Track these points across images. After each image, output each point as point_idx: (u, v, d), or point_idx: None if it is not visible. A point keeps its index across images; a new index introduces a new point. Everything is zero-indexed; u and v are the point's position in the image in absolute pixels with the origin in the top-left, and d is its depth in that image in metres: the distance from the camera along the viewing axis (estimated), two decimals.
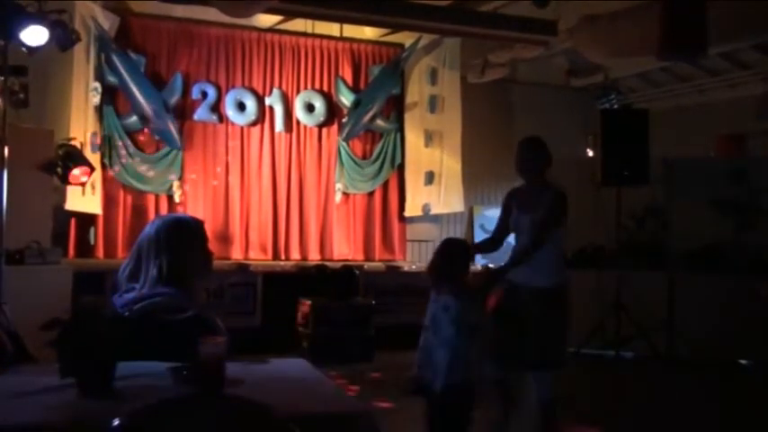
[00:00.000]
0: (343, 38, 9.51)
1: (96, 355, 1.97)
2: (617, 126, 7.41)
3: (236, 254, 8.86)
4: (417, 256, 9.67)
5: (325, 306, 6.97)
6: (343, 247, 9.44)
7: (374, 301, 7.21)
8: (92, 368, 1.97)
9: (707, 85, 9.61)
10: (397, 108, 9.79)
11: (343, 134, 9.37)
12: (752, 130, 8.49)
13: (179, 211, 8.38)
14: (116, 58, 8.23)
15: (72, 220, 8.06)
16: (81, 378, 1.97)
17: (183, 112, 8.82)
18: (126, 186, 8.51)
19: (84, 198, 7.79)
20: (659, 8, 6.38)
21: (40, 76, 6.67)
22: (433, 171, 9.64)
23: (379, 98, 9.47)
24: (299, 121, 9.33)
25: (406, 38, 9.53)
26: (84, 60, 7.96)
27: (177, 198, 8.70)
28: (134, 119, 8.46)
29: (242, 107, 9.02)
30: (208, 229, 2.68)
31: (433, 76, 9.68)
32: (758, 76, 8.95)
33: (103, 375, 1.97)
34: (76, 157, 6.67)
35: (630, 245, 7.45)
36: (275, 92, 9.19)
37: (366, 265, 8.58)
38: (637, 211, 7.59)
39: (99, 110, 8.28)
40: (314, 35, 9.40)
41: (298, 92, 9.34)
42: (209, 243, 2.63)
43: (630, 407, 5.58)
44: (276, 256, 9.10)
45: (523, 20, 8.06)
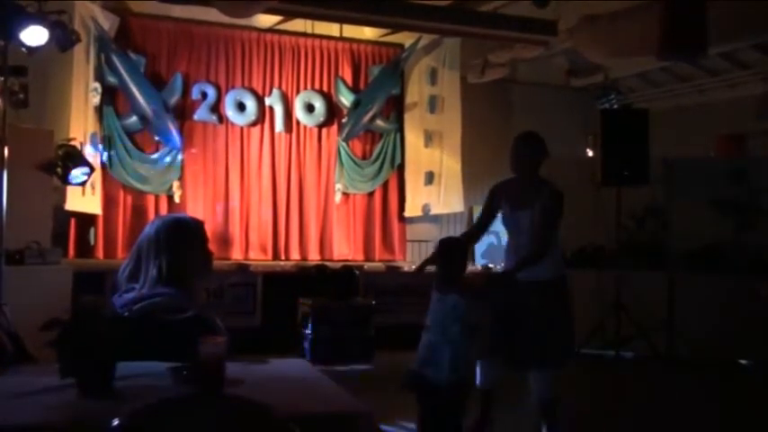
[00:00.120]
0: (342, 38, 9.51)
1: (96, 355, 1.97)
2: (617, 126, 7.41)
3: (235, 254, 8.86)
4: (417, 257, 9.65)
5: (325, 306, 6.96)
6: (343, 248, 9.44)
7: (374, 302, 7.21)
8: (92, 368, 1.96)
9: (707, 85, 9.61)
10: (396, 108, 9.79)
11: (343, 134, 9.37)
12: (752, 130, 8.49)
13: (178, 211, 8.38)
14: (116, 59, 8.24)
15: (72, 221, 8.06)
16: (81, 378, 1.97)
17: (183, 113, 8.82)
18: (126, 186, 8.51)
19: (84, 198, 7.79)
20: (659, 8, 6.37)
21: (39, 76, 6.66)
22: (433, 171, 9.64)
23: (378, 98, 9.47)
24: (298, 122, 9.33)
25: (406, 38, 9.53)
26: (84, 61, 7.96)
27: (177, 198, 8.70)
28: (134, 119, 8.46)
29: (242, 107, 9.02)
30: (207, 229, 2.68)
31: (433, 77, 9.68)
32: (758, 75, 8.95)
33: (103, 375, 1.97)
34: (76, 158, 6.67)
35: (630, 245, 7.44)
36: (275, 92, 9.19)
37: (366, 265, 8.57)
38: (637, 211, 7.59)
39: (99, 110, 8.29)
40: (314, 35, 9.41)
41: (297, 92, 9.34)
42: (208, 243, 2.63)
43: (630, 407, 5.57)
44: (276, 256, 9.10)
45: (523, 20, 8.06)
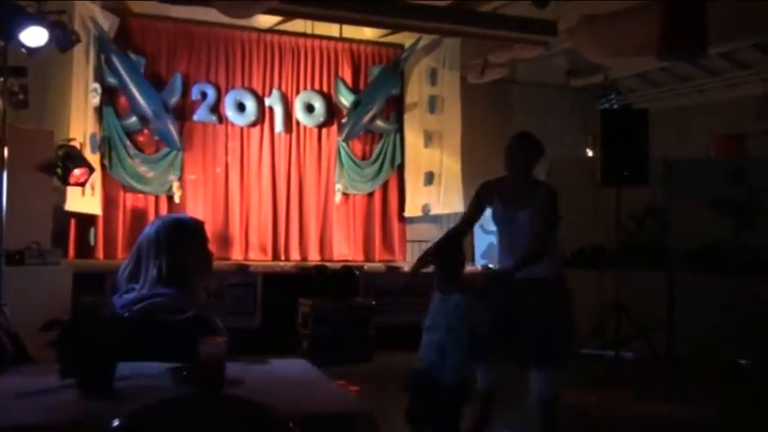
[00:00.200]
0: (342, 38, 9.51)
1: (96, 355, 1.97)
2: (617, 126, 7.40)
3: (235, 254, 8.86)
4: (417, 257, 9.64)
5: (325, 306, 6.96)
6: (343, 248, 9.44)
7: (374, 302, 7.21)
8: (92, 369, 1.96)
9: (707, 85, 9.61)
10: (396, 108, 9.80)
11: (343, 135, 9.37)
12: (752, 129, 8.49)
13: (178, 211, 8.38)
14: (116, 59, 8.24)
15: (72, 221, 8.06)
16: (81, 378, 1.97)
17: (183, 113, 8.82)
18: (126, 187, 8.51)
19: (84, 199, 7.79)
20: (659, 8, 6.38)
21: (39, 76, 6.67)
22: (433, 171, 9.64)
23: (378, 99, 9.47)
24: (298, 122, 9.33)
25: (406, 38, 9.53)
26: (84, 61, 7.96)
27: (177, 199, 8.70)
28: (134, 119, 8.47)
29: (242, 108, 9.02)
30: (207, 229, 2.68)
31: (433, 77, 9.68)
32: (758, 75, 8.96)
33: (103, 376, 1.97)
34: (76, 158, 6.67)
35: (630, 245, 7.43)
36: (275, 92, 9.19)
37: (366, 265, 8.57)
38: (637, 211, 7.58)
39: (99, 110, 8.29)
40: (313, 36, 9.41)
41: (297, 92, 9.34)
42: (208, 244, 2.63)
43: (630, 407, 5.57)
44: (276, 256, 9.10)
45: (523, 20, 8.06)
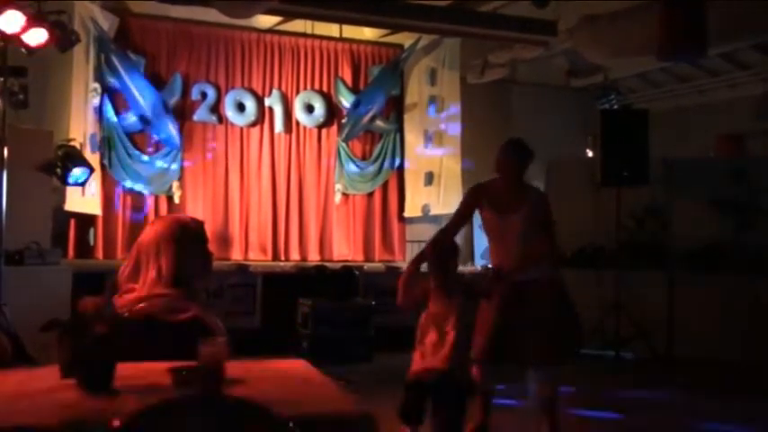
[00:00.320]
0: (342, 38, 9.51)
1: (96, 355, 1.97)
2: (617, 126, 7.41)
3: (235, 254, 8.86)
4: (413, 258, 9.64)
5: (324, 307, 6.96)
6: (343, 248, 9.44)
7: (374, 302, 7.21)
8: (92, 369, 1.96)
9: (707, 86, 9.61)
10: (396, 108, 9.80)
11: (343, 135, 9.37)
12: (751, 130, 8.49)
13: (178, 211, 8.38)
14: (115, 59, 8.24)
15: (71, 221, 8.06)
16: (81, 379, 1.96)
17: (183, 113, 8.82)
18: (125, 187, 8.51)
19: (84, 199, 7.79)
20: (659, 8, 6.37)
21: (39, 76, 6.67)
22: (433, 172, 9.63)
23: (378, 99, 9.47)
24: (298, 122, 9.33)
25: (406, 38, 9.53)
26: (84, 61, 7.96)
27: (176, 199, 8.70)
28: (133, 120, 8.46)
29: (241, 108, 9.02)
30: (207, 229, 2.68)
31: (433, 77, 9.68)
32: (758, 76, 8.96)
33: (104, 376, 1.97)
34: (76, 158, 6.67)
35: (630, 245, 7.43)
36: (275, 92, 9.19)
37: (366, 265, 8.58)
38: (637, 211, 7.58)
39: (98, 110, 8.28)
40: (313, 36, 9.41)
41: (297, 92, 9.34)
42: (209, 244, 2.63)
43: (630, 407, 5.57)
44: (276, 256, 9.10)
45: (523, 20, 8.06)
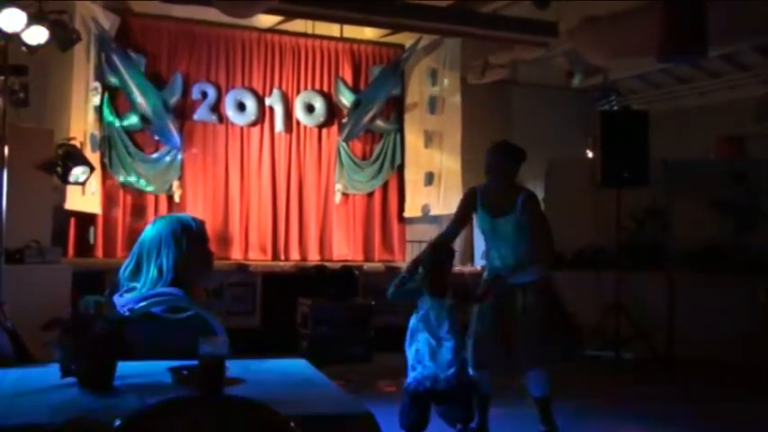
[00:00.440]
0: (343, 38, 9.50)
1: (97, 354, 1.97)
2: (617, 127, 7.41)
3: (235, 254, 8.85)
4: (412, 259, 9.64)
5: (324, 306, 6.97)
6: (343, 248, 9.43)
7: (373, 302, 7.21)
8: (92, 368, 1.96)
9: (707, 87, 9.61)
10: (397, 109, 9.79)
11: (343, 135, 9.37)
12: (752, 131, 8.49)
13: (178, 211, 8.37)
14: (116, 58, 8.23)
15: (71, 220, 8.05)
16: (81, 378, 1.97)
17: (183, 113, 8.82)
18: (125, 186, 8.51)
19: (84, 198, 7.79)
20: (660, 9, 6.38)
21: (40, 75, 6.66)
22: (433, 172, 9.62)
23: (379, 99, 9.47)
24: (298, 122, 9.33)
25: (407, 38, 9.53)
26: (85, 60, 7.96)
27: (177, 198, 8.70)
28: (134, 119, 8.46)
29: (242, 107, 9.01)
30: (207, 229, 2.68)
31: (434, 77, 9.67)
32: (758, 77, 8.96)
33: (104, 375, 1.97)
34: (76, 157, 6.67)
35: (630, 246, 7.43)
36: (275, 92, 9.19)
37: (365, 265, 8.57)
38: (637, 212, 7.58)
39: (99, 110, 8.28)
40: (314, 36, 9.40)
41: (298, 92, 9.33)
42: (209, 243, 2.63)
43: (630, 408, 5.57)
44: (276, 256, 9.09)
45: (524, 21, 8.06)
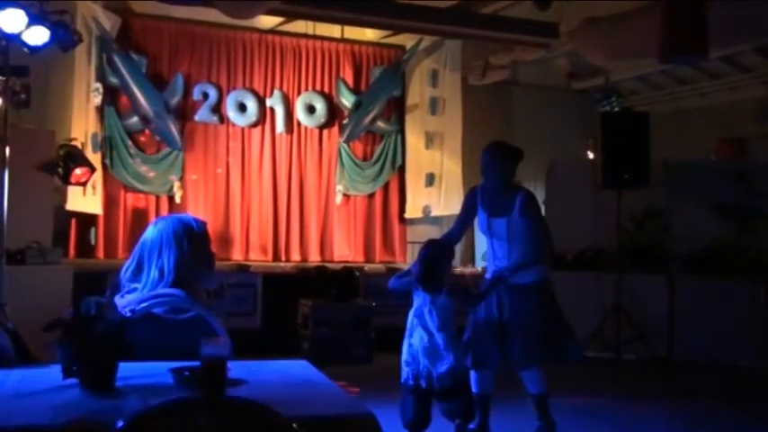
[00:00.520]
0: (344, 39, 9.51)
1: (98, 355, 1.97)
2: (617, 128, 7.41)
3: (236, 255, 8.86)
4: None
5: (325, 307, 6.96)
6: (344, 249, 9.44)
7: (374, 303, 7.20)
8: (94, 369, 1.96)
9: (707, 88, 9.62)
10: (397, 110, 9.80)
11: (344, 135, 9.37)
12: (752, 133, 8.50)
13: (179, 211, 8.38)
14: (117, 59, 8.24)
15: (73, 221, 8.07)
16: (83, 378, 1.97)
17: (184, 113, 8.83)
18: (127, 187, 8.52)
19: (85, 198, 7.80)
20: (660, 11, 6.38)
21: (41, 76, 6.68)
22: (434, 173, 9.64)
23: (379, 100, 9.48)
24: (299, 123, 9.34)
25: (407, 40, 9.54)
26: (86, 61, 7.97)
27: (178, 199, 8.70)
28: (135, 119, 8.47)
29: (243, 108, 9.02)
30: (208, 230, 2.68)
31: (434, 78, 9.68)
32: (759, 79, 8.98)
33: (106, 376, 1.97)
34: (77, 158, 6.67)
35: (631, 247, 7.43)
36: (276, 93, 9.20)
37: (366, 266, 8.58)
38: (637, 213, 7.58)
39: (100, 110, 8.30)
40: (315, 37, 9.41)
41: (299, 93, 9.34)
42: (211, 244, 2.63)
43: (631, 409, 5.57)
44: (276, 257, 9.10)
45: (525, 22, 8.07)
